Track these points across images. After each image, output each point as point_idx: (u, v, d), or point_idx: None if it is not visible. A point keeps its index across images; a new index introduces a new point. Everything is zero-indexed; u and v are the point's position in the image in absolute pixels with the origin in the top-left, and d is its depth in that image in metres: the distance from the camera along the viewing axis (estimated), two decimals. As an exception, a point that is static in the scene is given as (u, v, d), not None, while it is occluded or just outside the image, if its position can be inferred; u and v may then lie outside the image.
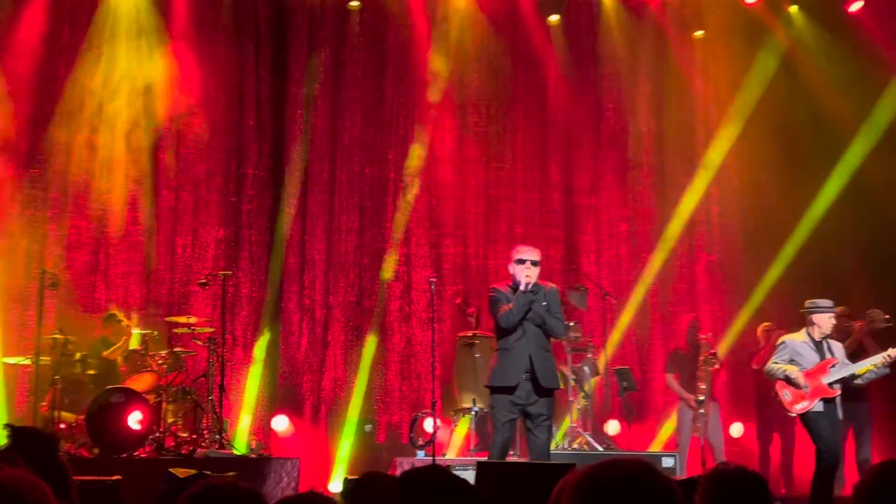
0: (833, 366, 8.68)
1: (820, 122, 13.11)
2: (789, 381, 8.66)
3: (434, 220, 12.62)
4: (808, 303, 8.91)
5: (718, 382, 11.25)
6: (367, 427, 11.75)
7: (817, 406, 8.59)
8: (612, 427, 11.96)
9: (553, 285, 8.18)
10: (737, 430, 12.49)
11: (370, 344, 11.97)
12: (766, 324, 11.71)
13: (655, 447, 12.22)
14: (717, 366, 10.98)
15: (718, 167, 13.21)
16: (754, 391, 11.72)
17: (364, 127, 12.51)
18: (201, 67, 11.92)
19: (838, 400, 8.67)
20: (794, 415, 8.72)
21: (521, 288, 7.78)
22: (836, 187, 12.88)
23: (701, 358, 10.92)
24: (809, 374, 8.64)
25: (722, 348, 12.20)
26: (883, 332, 10.31)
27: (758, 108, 13.01)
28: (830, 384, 8.62)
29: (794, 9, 13.38)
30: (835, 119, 13.04)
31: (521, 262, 7.88)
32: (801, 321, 9.01)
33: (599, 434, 11.38)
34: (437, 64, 12.52)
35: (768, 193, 13.03)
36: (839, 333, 9.43)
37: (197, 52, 11.95)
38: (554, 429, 11.19)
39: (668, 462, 10.00)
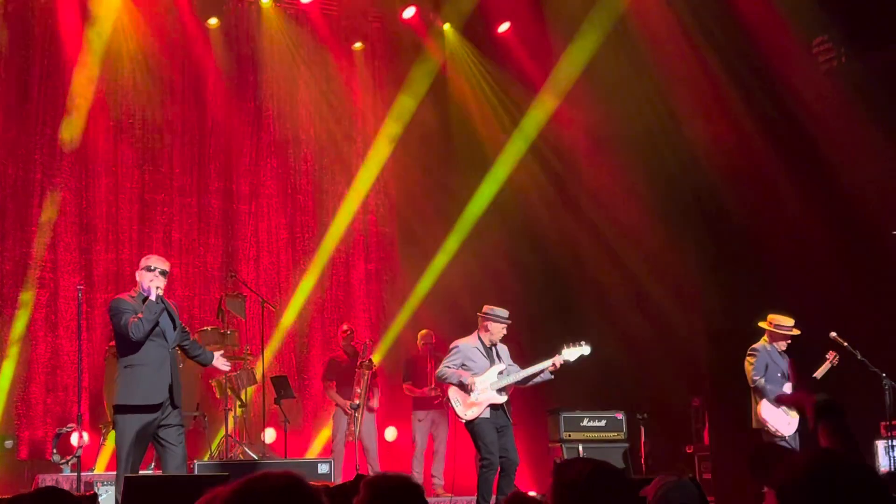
0: (501, 371, 8.89)
1: (472, 133, 13.78)
2: (462, 386, 8.81)
3: (84, 224, 12.01)
4: (485, 308, 9.03)
5: (374, 388, 11.48)
6: (8, 443, 10.99)
7: (485, 413, 8.77)
8: (269, 435, 11.89)
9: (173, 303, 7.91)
10: (391, 434, 12.80)
11: (11, 355, 11.21)
12: (423, 331, 12.07)
13: (311, 454, 12.30)
14: (372, 371, 11.18)
15: (376, 176, 13.52)
16: (409, 396, 12.04)
17: (6, 124, 11.68)
18: None
19: (506, 406, 8.90)
20: (464, 420, 8.85)
21: (152, 297, 7.40)
22: (487, 195, 13.53)
23: (357, 363, 11.10)
24: (479, 380, 8.82)
25: (378, 355, 12.47)
26: None
27: (414, 120, 13.43)
28: (499, 390, 8.82)
29: (447, 27, 13.94)
30: (486, 131, 13.75)
31: (151, 269, 7.52)
32: (462, 326, 9.25)
33: (256, 443, 11.30)
34: (89, 60, 11.95)
35: (424, 202, 13.50)
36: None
37: None
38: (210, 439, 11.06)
39: (323, 468, 10.07)
